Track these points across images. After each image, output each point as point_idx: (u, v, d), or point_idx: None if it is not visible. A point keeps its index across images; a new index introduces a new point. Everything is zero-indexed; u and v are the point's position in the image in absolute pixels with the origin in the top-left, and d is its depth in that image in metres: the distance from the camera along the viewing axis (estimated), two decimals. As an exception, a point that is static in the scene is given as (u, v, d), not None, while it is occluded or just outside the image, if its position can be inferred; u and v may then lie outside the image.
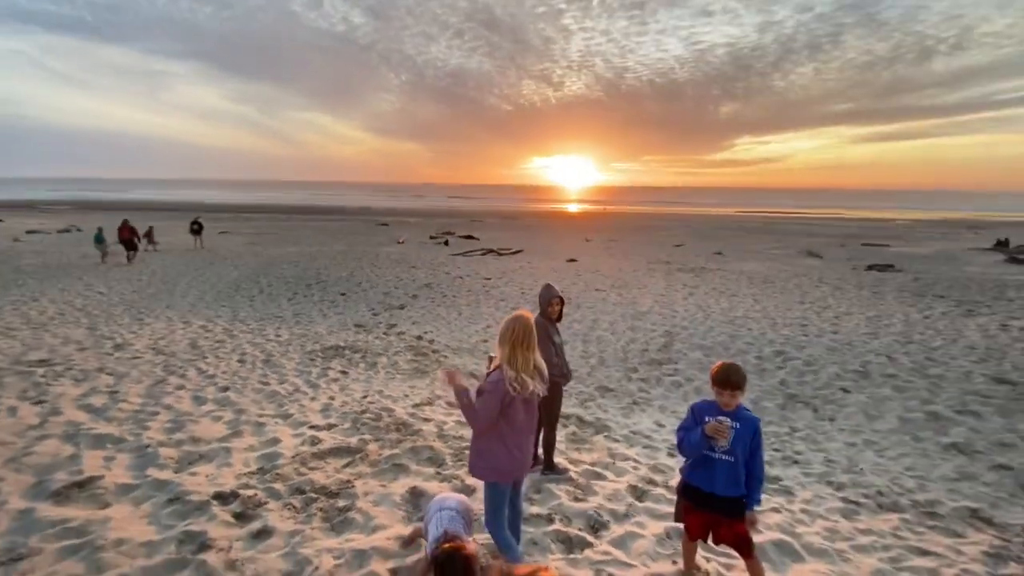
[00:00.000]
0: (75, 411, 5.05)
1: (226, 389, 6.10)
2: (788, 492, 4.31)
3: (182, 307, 11.42)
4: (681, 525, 2.94)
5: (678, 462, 3.16)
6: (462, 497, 2.87)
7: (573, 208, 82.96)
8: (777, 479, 4.53)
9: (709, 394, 2.75)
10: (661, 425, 5.90)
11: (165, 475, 3.84)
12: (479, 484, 3.27)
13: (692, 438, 2.63)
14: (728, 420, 2.56)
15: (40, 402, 5.22)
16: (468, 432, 4.25)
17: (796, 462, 5.06)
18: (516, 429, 2.66)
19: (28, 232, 27.10)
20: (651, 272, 18.49)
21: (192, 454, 4.26)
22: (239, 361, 7.44)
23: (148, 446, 4.33)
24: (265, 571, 2.82)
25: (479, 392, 2.66)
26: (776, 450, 5.32)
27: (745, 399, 2.70)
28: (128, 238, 17.90)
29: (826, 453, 5.29)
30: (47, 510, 3.26)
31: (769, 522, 3.63)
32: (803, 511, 3.96)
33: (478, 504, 3.11)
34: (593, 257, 23.05)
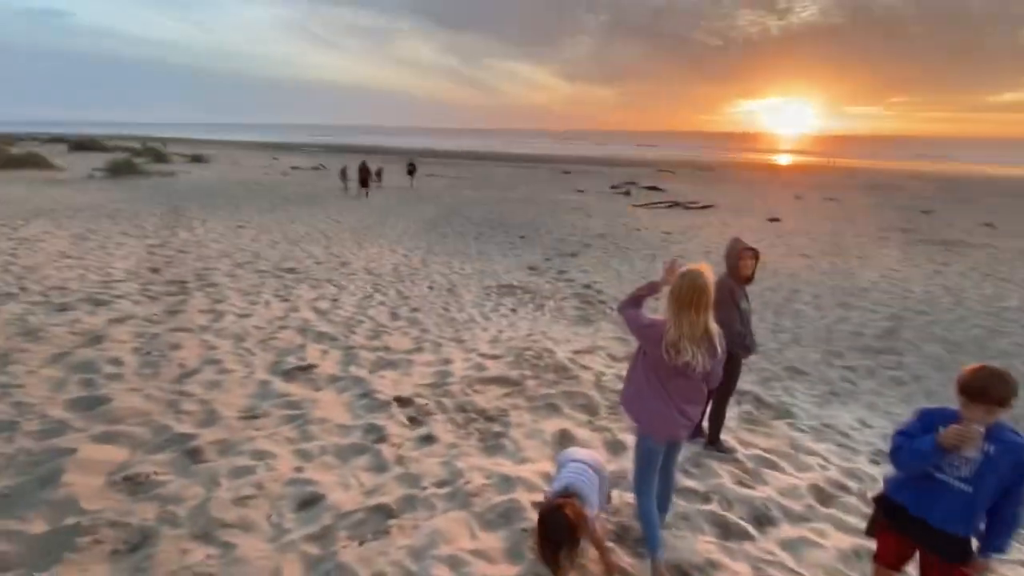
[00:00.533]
0: (308, 311, 6.28)
1: (416, 310, 6.92)
2: (1057, 548, 3.18)
3: (391, 237, 13.23)
4: (873, 545, 2.37)
5: (885, 473, 2.50)
6: (595, 454, 2.75)
7: (783, 160, 71.47)
8: (1041, 527, 3.37)
9: (943, 399, 2.06)
10: (867, 425, 4.86)
11: (362, 373, 4.54)
12: (629, 442, 3.10)
13: (917, 446, 2.01)
14: (982, 431, 1.88)
15: (286, 300, 6.62)
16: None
17: (1078, 512, 3.70)
18: (672, 392, 2.38)
19: (292, 168, 34.20)
20: (881, 241, 15.08)
21: (383, 360, 4.95)
22: (428, 288, 8.35)
23: (353, 347, 5.17)
24: (425, 472, 3.14)
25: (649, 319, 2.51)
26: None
27: (1007, 418, 1.93)
28: (364, 176, 21.42)
29: None
30: (279, 384, 4.13)
31: (1018, 579, 2.73)
32: (1080, 579, 2.88)
33: (617, 464, 2.96)
34: (803, 217, 19.72)
